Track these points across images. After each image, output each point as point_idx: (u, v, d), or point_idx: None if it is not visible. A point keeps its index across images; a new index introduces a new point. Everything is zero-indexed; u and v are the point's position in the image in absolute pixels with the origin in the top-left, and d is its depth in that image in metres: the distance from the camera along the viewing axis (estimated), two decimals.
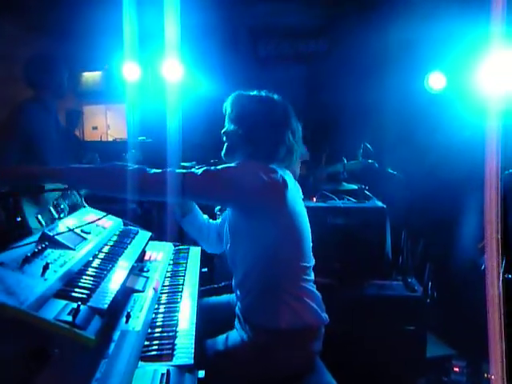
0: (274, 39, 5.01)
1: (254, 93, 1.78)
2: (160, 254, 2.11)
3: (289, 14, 4.82)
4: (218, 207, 2.82)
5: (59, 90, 2.86)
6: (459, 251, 3.00)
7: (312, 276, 1.70)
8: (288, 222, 1.59)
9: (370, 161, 3.08)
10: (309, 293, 1.65)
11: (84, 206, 2.17)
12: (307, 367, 1.64)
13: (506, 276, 1.99)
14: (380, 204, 2.74)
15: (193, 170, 1.61)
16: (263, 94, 1.78)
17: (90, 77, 5.52)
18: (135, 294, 1.59)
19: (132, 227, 2.15)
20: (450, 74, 3.90)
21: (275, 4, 4.74)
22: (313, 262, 1.72)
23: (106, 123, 5.80)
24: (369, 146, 3.13)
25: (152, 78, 4.70)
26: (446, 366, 2.40)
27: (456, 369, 2.36)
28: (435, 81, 4.00)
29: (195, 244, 2.34)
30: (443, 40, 3.60)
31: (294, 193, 1.67)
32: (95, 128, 5.75)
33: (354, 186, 2.93)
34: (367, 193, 2.91)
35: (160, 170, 1.57)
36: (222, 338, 1.65)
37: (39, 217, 2.11)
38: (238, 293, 1.72)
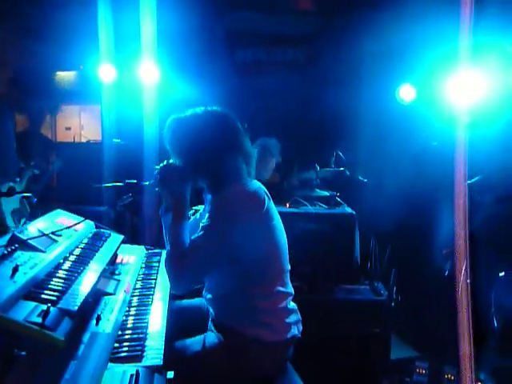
0: (251, 46, 5.07)
1: (188, 112, 1.68)
2: (132, 257, 2.11)
3: (267, 21, 4.90)
4: (191, 211, 2.84)
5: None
6: (425, 257, 3.11)
7: (289, 289, 1.70)
8: (266, 234, 1.61)
9: (341, 168, 3.17)
10: (283, 308, 1.64)
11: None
12: (278, 370, 1.67)
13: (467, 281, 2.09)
14: (350, 210, 2.83)
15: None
16: (198, 110, 1.67)
17: (65, 76, 5.43)
18: (106, 297, 1.60)
19: (104, 230, 2.15)
20: (420, 87, 4.06)
21: (253, 11, 4.80)
22: (287, 273, 1.72)
23: (80, 124, 5.72)
24: (341, 154, 3.22)
25: (128, 79, 4.67)
26: (409, 368, 2.48)
27: (419, 370, 2.45)
28: (406, 93, 4.16)
29: None
30: (413, 52, 3.74)
31: (272, 205, 1.66)
32: (68, 129, 5.65)
33: (326, 193, 3.00)
34: (338, 199, 2.99)
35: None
36: (199, 338, 1.65)
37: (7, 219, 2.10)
38: (209, 296, 1.72)
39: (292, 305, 1.72)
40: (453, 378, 2.32)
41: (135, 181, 2.45)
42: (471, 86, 2.51)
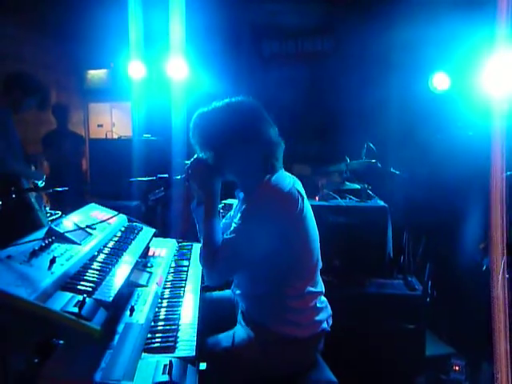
0: (278, 38, 5.03)
1: (210, 106, 1.66)
2: (163, 250, 2.14)
3: (293, 12, 4.84)
4: (221, 205, 2.85)
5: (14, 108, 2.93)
6: (460, 251, 3.01)
7: (319, 288, 1.68)
8: (299, 235, 1.58)
9: (372, 160, 3.09)
10: (313, 307, 1.62)
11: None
12: (308, 364, 1.66)
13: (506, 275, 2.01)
14: (382, 203, 2.76)
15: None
16: (219, 103, 1.64)
17: (96, 75, 5.55)
18: (139, 289, 1.63)
19: (136, 224, 2.18)
20: (454, 75, 3.91)
21: (279, 3, 4.76)
22: (318, 271, 1.70)
23: (112, 121, 5.84)
24: (372, 145, 3.14)
25: (157, 76, 4.73)
26: (445, 365, 2.41)
27: (455, 367, 2.37)
28: (439, 81, 4.02)
29: (198, 241, 2.37)
30: (447, 41, 3.61)
31: (306, 204, 1.62)
32: (100, 126, 5.78)
33: (357, 186, 2.94)
34: (370, 192, 2.92)
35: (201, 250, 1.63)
36: (229, 333, 1.66)
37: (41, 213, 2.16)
38: (238, 292, 1.72)
39: (322, 300, 1.69)
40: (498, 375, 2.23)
41: (167, 175, 2.48)
42: (509, 73, 2.39)
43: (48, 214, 2.81)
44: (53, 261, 1.33)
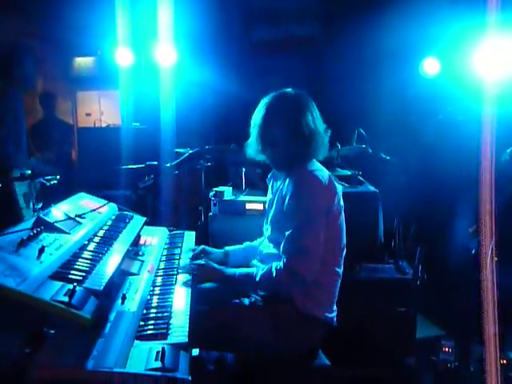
0: (267, 23, 4.96)
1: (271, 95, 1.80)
2: (155, 238, 2.13)
3: None
4: (212, 192, 2.84)
5: (25, 83, 2.83)
6: (450, 235, 3.04)
7: (341, 270, 1.80)
8: (337, 218, 1.76)
9: (363, 146, 3.09)
10: (334, 291, 1.78)
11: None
12: (311, 348, 1.73)
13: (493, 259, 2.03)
14: (373, 189, 2.76)
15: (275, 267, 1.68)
16: (267, 96, 1.79)
17: (83, 62, 5.45)
18: (131, 277, 1.62)
19: (127, 212, 2.17)
20: (444, 60, 3.90)
21: None
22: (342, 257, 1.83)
23: (100, 109, 5.76)
24: (362, 131, 3.13)
25: (145, 63, 4.66)
26: (435, 346, 2.45)
27: (445, 349, 2.41)
28: (430, 66, 4.01)
29: (189, 229, 2.37)
30: (437, 26, 3.59)
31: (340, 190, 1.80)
32: (89, 114, 5.70)
33: (348, 172, 2.94)
34: (360, 178, 2.92)
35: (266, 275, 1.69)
36: (233, 304, 1.77)
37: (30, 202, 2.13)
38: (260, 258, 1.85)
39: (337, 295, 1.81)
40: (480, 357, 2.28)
41: (156, 162, 2.45)
42: (500, 57, 2.38)
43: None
44: (42, 250, 1.32)
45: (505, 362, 2.25)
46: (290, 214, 1.67)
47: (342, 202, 1.79)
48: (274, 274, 1.64)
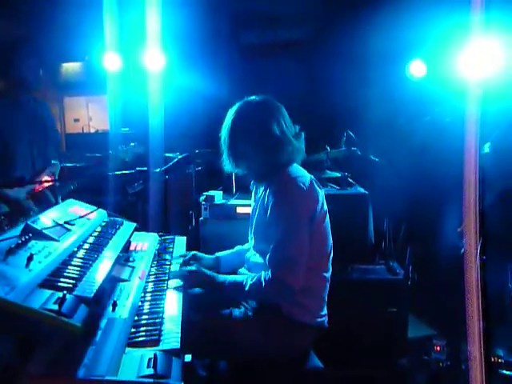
0: (256, 27, 4.98)
1: (237, 105, 1.79)
2: (145, 243, 2.12)
3: (271, 1, 4.80)
4: (203, 197, 2.83)
5: (29, 83, 2.74)
6: (440, 235, 3.07)
7: (329, 275, 1.80)
8: (321, 223, 1.75)
9: (352, 148, 3.11)
10: (323, 296, 1.78)
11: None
12: (301, 353, 1.73)
13: (481, 258, 2.05)
14: (362, 190, 2.79)
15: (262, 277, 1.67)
16: (236, 105, 1.78)
17: (70, 67, 5.41)
18: (121, 284, 1.61)
19: (116, 218, 2.15)
20: (430, 62, 3.95)
21: None
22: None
23: (88, 115, 5.72)
24: (351, 134, 3.16)
25: (133, 67, 4.64)
26: (427, 346, 2.47)
27: (436, 348, 2.43)
28: (416, 69, 4.05)
29: (180, 234, 2.36)
30: (423, 28, 3.63)
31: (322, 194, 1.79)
32: (77, 120, 5.66)
33: (337, 174, 2.96)
34: (350, 180, 2.95)
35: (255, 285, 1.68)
36: (225, 312, 1.77)
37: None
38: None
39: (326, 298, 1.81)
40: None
41: (146, 168, 2.44)
42: (485, 58, 2.42)
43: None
44: (30, 258, 1.30)
45: (495, 359, 2.28)
46: (274, 225, 1.66)
47: (325, 207, 1.78)
48: (263, 285, 1.63)
